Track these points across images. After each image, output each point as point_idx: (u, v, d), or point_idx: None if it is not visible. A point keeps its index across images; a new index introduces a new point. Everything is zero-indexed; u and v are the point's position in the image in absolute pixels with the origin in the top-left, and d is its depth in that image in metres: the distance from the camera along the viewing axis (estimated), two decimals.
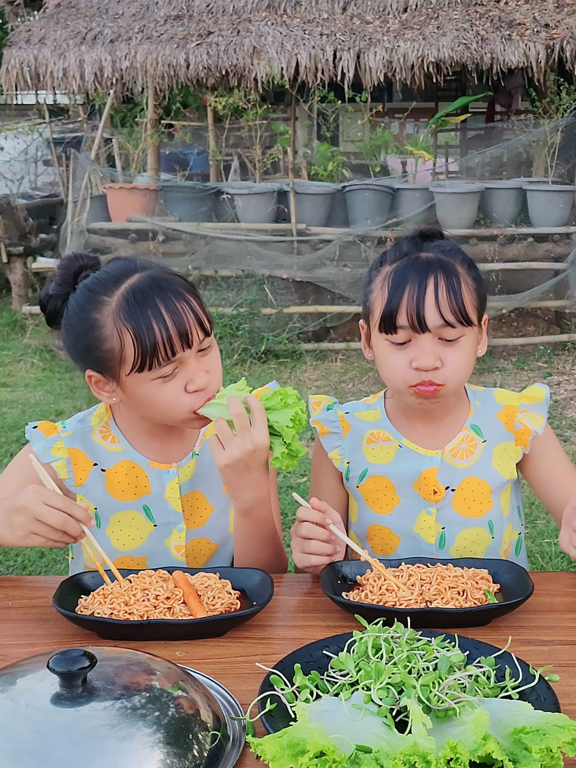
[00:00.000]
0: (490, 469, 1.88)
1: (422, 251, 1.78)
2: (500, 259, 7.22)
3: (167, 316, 1.59)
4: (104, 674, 1.17)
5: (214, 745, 1.15)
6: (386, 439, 1.91)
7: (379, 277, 1.79)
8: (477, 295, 1.78)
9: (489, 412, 1.91)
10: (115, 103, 9.59)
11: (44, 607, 1.61)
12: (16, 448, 5.17)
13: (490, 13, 7.48)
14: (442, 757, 1.07)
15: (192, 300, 1.64)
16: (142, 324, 1.59)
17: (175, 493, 1.80)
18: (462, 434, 1.89)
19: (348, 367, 6.93)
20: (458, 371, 1.76)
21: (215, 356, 1.70)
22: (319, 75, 7.38)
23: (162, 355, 1.59)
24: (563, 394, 6.25)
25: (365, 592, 1.60)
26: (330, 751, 1.07)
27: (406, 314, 1.71)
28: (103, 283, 1.69)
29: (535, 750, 1.08)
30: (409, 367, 1.74)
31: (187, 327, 1.60)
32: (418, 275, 1.72)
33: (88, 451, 1.80)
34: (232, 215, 7.57)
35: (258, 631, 1.53)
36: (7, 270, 8.89)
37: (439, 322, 1.71)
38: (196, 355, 1.64)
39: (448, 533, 1.87)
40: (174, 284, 1.64)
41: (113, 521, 1.80)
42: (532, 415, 1.89)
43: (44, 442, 1.79)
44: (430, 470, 1.86)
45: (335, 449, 1.95)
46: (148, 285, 1.63)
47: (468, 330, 1.75)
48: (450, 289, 1.71)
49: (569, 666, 1.40)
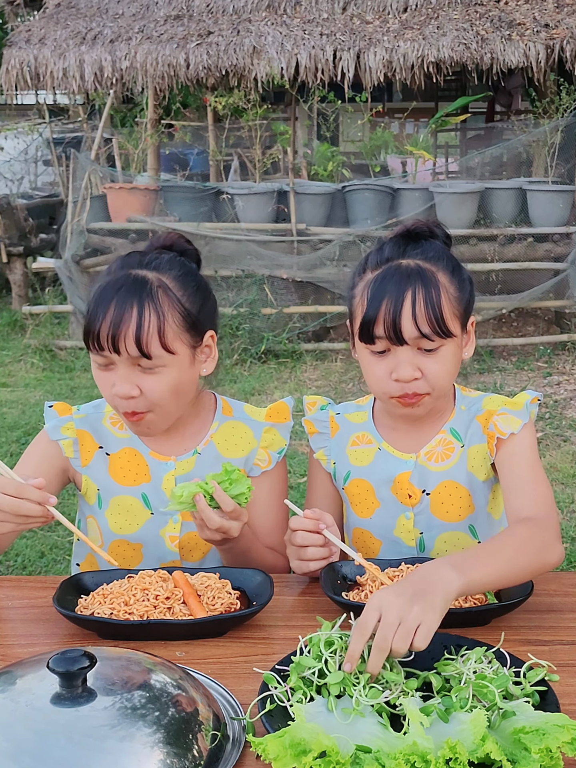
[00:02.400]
0: (466, 473, 1.84)
1: (404, 257, 1.74)
2: (500, 259, 7.22)
3: (110, 314, 1.65)
4: (104, 674, 1.17)
5: (214, 745, 1.15)
6: (369, 441, 1.90)
7: (361, 283, 1.76)
8: (459, 303, 1.73)
9: (471, 416, 1.87)
10: (115, 103, 9.59)
11: (44, 607, 1.61)
12: (16, 448, 5.16)
13: (490, 13, 7.48)
14: (441, 757, 1.07)
15: (153, 320, 1.66)
16: (93, 308, 1.68)
17: (171, 485, 1.83)
18: (439, 437, 1.86)
19: (348, 367, 6.93)
20: (439, 380, 1.73)
21: (161, 382, 1.70)
22: (319, 75, 7.38)
23: (91, 342, 1.68)
24: (563, 394, 6.25)
25: (365, 592, 1.60)
26: (333, 752, 1.07)
27: (383, 326, 1.69)
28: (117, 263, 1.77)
29: (535, 750, 1.08)
30: (390, 379, 1.72)
31: (120, 333, 1.65)
32: (396, 287, 1.68)
33: (96, 434, 1.87)
34: (232, 215, 7.57)
35: (258, 631, 1.53)
36: (7, 270, 8.89)
37: (416, 334, 1.68)
38: (130, 366, 1.68)
39: (427, 537, 1.86)
40: (149, 297, 1.68)
41: (113, 504, 1.85)
42: (510, 418, 1.80)
43: (56, 421, 1.87)
44: (403, 474, 1.85)
45: (321, 449, 1.95)
46: (122, 282, 1.69)
47: (448, 340, 1.71)
48: (428, 302, 1.68)
49: (569, 666, 1.40)
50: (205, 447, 1.87)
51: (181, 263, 1.78)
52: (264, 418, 1.92)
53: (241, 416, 1.93)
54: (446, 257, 1.77)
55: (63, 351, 7.36)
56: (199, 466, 1.85)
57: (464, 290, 1.76)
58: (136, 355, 1.66)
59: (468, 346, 1.81)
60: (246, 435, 1.90)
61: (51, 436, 1.85)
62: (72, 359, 7.20)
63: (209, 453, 1.87)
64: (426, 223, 1.82)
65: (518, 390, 6.23)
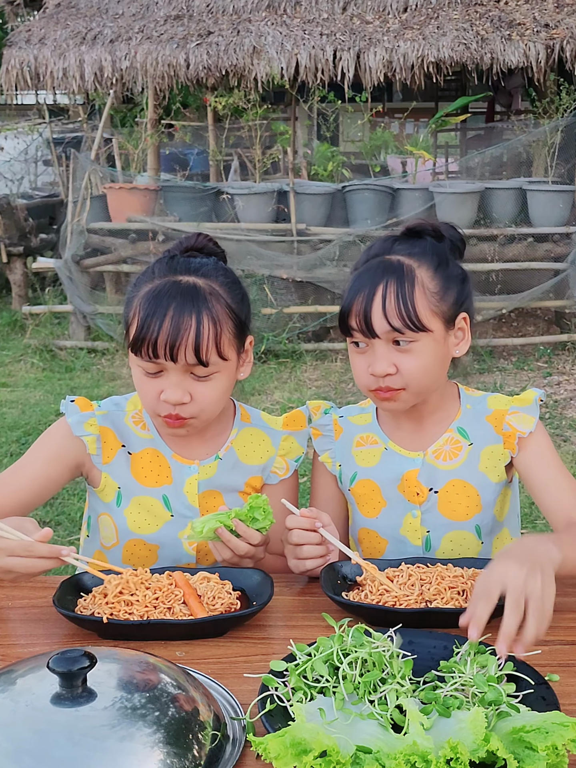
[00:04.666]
0: (477, 473, 1.85)
1: (390, 252, 1.77)
2: (500, 259, 7.22)
3: (167, 323, 1.64)
4: (104, 674, 1.17)
5: (214, 745, 1.15)
6: (374, 442, 1.91)
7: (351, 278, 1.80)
8: (440, 299, 1.73)
9: (478, 416, 1.88)
10: (115, 103, 9.58)
11: (44, 607, 1.61)
12: (16, 448, 5.16)
13: (490, 13, 7.48)
14: (442, 757, 1.07)
15: (211, 328, 1.66)
16: (146, 315, 1.66)
17: (193, 489, 1.84)
18: (446, 435, 1.87)
19: (348, 367, 6.90)
20: (415, 377, 1.73)
21: (213, 388, 1.71)
22: (319, 75, 7.38)
23: (144, 350, 1.66)
24: (563, 394, 6.25)
25: (365, 592, 1.60)
26: (333, 752, 1.07)
27: (355, 318, 1.72)
28: (159, 267, 1.75)
29: (542, 747, 1.08)
30: (368, 372, 1.74)
31: (178, 343, 1.64)
32: (371, 281, 1.72)
33: (118, 432, 1.86)
34: (232, 215, 7.57)
35: (258, 631, 1.53)
36: (7, 270, 8.90)
37: (386, 327, 1.70)
38: (183, 373, 1.68)
39: (434, 536, 1.86)
40: (205, 305, 1.67)
41: (133, 502, 1.84)
42: (522, 416, 1.84)
43: (79, 417, 1.85)
44: (411, 471, 1.85)
45: (326, 452, 1.96)
46: (175, 289, 1.68)
47: (423, 335, 1.71)
48: (399, 295, 1.69)
49: (569, 666, 1.40)
50: (226, 453, 1.88)
51: (224, 270, 1.78)
52: (281, 426, 1.93)
53: (259, 423, 1.94)
54: (433, 253, 1.77)
55: (63, 351, 7.36)
56: (221, 471, 1.86)
57: (450, 287, 1.76)
58: (194, 363, 1.66)
59: (461, 344, 1.81)
60: (264, 442, 1.91)
61: (75, 431, 1.83)
62: (72, 359, 7.20)
63: (230, 459, 1.88)
64: (433, 224, 1.83)
65: (518, 390, 6.23)
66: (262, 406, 6.04)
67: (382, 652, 1.27)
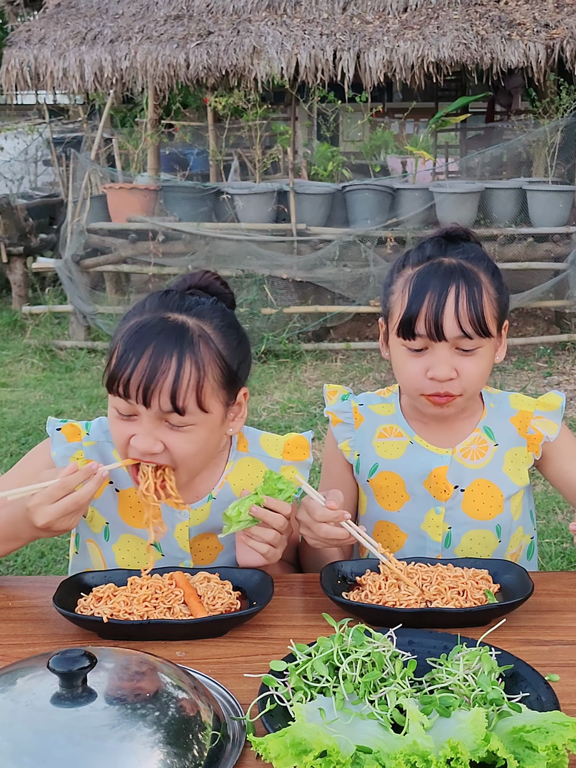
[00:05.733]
0: (501, 474, 1.87)
1: (446, 255, 1.75)
2: (500, 259, 7.21)
3: (144, 361, 1.51)
4: (104, 674, 1.17)
5: (214, 745, 1.15)
6: (399, 434, 1.90)
7: (401, 279, 1.77)
8: (498, 305, 1.75)
9: (503, 416, 1.89)
10: (115, 103, 9.58)
11: (44, 607, 1.61)
12: (16, 448, 5.17)
13: (490, 13, 7.48)
14: (443, 757, 1.07)
15: (192, 373, 1.53)
16: (124, 350, 1.54)
17: (184, 535, 1.76)
18: (474, 435, 1.88)
19: (348, 367, 6.93)
20: (474, 382, 1.74)
21: (189, 441, 1.57)
22: (319, 75, 7.38)
23: (116, 389, 1.55)
24: (563, 394, 6.25)
25: (365, 592, 1.60)
26: (334, 752, 1.07)
27: (424, 322, 1.69)
28: (151, 300, 1.63)
29: (542, 747, 1.08)
30: (424, 376, 1.72)
31: (153, 386, 1.51)
32: (440, 283, 1.69)
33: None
34: (232, 215, 7.57)
35: (258, 631, 1.53)
36: (7, 270, 8.90)
37: (457, 332, 1.69)
38: (156, 419, 1.55)
39: (455, 533, 1.86)
40: (190, 347, 1.53)
41: (122, 539, 1.78)
42: (546, 422, 1.87)
43: (64, 449, 1.76)
44: (440, 468, 1.85)
45: (346, 440, 1.94)
46: (160, 326, 1.55)
47: (486, 341, 1.72)
48: (471, 300, 1.69)
49: (569, 666, 1.40)
50: (221, 490, 1.78)
51: (223, 311, 1.63)
52: (281, 454, 1.82)
53: (257, 452, 1.82)
54: (487, 259, 1.79)
55: (63, 351, 7.36)
56: (215, 511, 1.76)
57: (503, 293, 1.78)
58: (168, 410, 1.53)
59: (500, 350, 1.82)
60: (262, 474, 1.74)
61: (59, 466, 1.71)
62: (72, 359, 7.20)
63: (224, 496, 1.76)
64: (463, 228, 1.83)
65: (518, 390, 6.24)
66: (262, 407, 6.04)
67: (382, 652, 1.27)
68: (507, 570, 1.65)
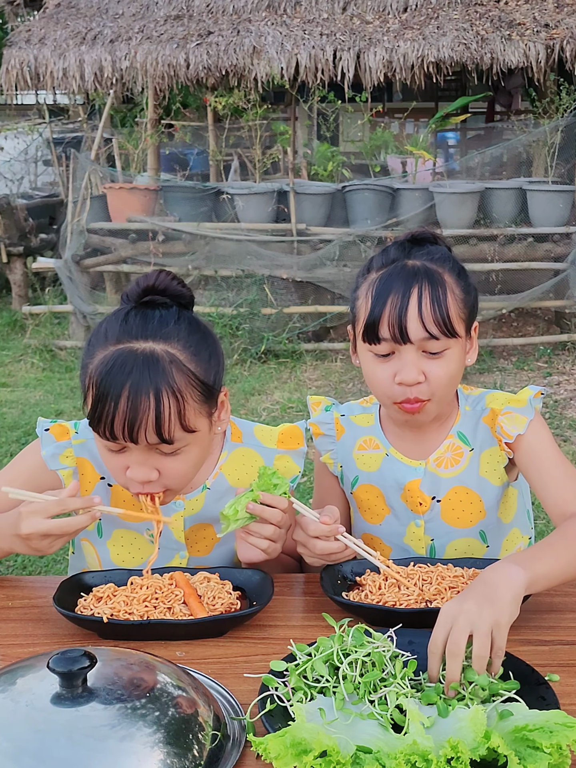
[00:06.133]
0: (478, 478, 1.82)
1: (410, 258, 1.72)
2: (500, 259, 7.22)
3: (122, 404, 1.48)
4: (104, 674, 1.17)
5: (214, 745, 1.15)
6: (376, 446, 1.88)
7: (365, 284, 1.74)
8: (465, 306, 1.72)
9: (476, 418, 1.84)
10: (115, 103, 9.59)
11: (44, 607, 1.61)
12: (16, 448, 5.16)
13: (490, 13, 7.48)
14: (443, 756, 1.07)
15: (172, 404, 1.50)
16: (100, 393, 1.51)
17: (179, 525, 1.76)
18: (447, 442, 1.84)
19: (348, 367, 6.93)
20: (443, 385, 1.70)
21: (183, 461, 1.58)
22: (319, 75, 7.38)
23: (101, 432, 1.53)
24: (563, 394, 6.25)
25: (365, 592, 1.60)
26: (334, 752, 1.07)
27: (388, 325, 1.66)
28: (114, 328, 1.56)
29: (546, 746, 1.08)
30: (393, 382, 1.69)
31: (137, 425, 1.49)
32: (402, 284, 1.66)
33: (96, 463, 1.77)
34: (232, 215, 7.57)
35: (258, 631, 1.53)
36: (7, 270, 8.90)
37: (422, 334, 1.66)
38: (147, 450, 1.54)
39: (438, 544, 1.84)
40: (164, 378, 1.50)
41: (115, 535, 1.78)
42: (515, 417, 1.79)
43: (53, 448, 1.76)
44: (413, 482, 1.82)
45: (328, 452, 1.93)
46: (130, 362, 1.50)
47: (453, 342, 1.69)
48: (435, 300, 1.65)
49: (569, 666, 1.40)
50: (215, 480, 1.78)
51: (188, 324, 1.58)
52: (276, 443, 1.83)
53: (252, 442, 1.83)
54: (452, 260, 1.76)
55: (63, 351, 7.36)
56: (210, 501, 1.77)
57: (469, 293, 1.75)
58: (156, 443, 1.52)
59: (471, 352, 1.79)
60: (257, 464, 1.79)
61: (50, 465, 1.74)
62: (72, 359, 7.20)
63: (219, 486, 1.78)
64: (431, 231, 1.81)
65: (518, 390, 6.23)
66: (262, 406, 6.04)
67: (382, 652, 1.27)
68: None
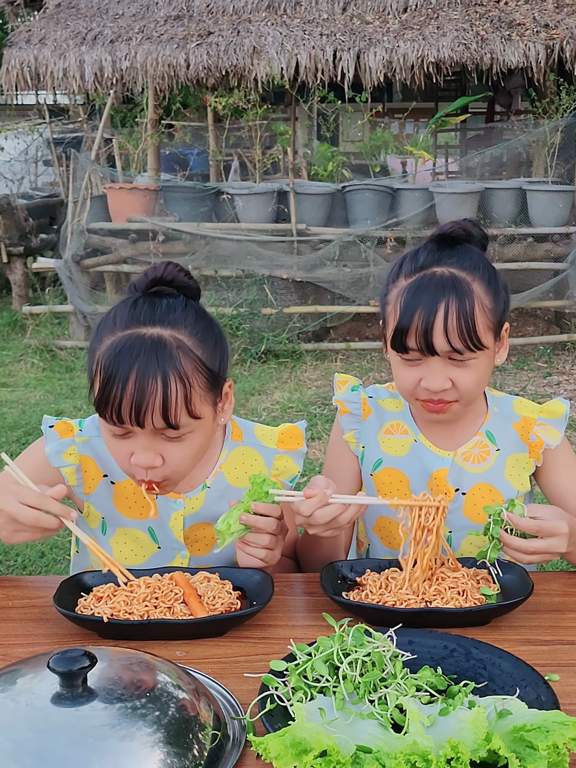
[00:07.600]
0: (503, 479, 1.87)
1: (440, 264, 1.72)
2: (500, 259, 7.22)
3: (130, 387, 1.50)
4: (104, 674, 1.17)
5: (214, 745, 1.15)
6: (404, 432, 1.90)
7: (395, 290, 1.75)
8: (493, 315, 1.72)
9: (506, 421, 1.89)
10: (115, 103, 9.58)
11: (44, 607, 1.61)
12: (16, 448, 5.16)
13: (490, 13, 7.48)
14: (443, 756, 1.07)
15: (179, 389, 1.52)
16: (108, 377, 1.52)
17: (179, 524, 1.77)
18: (476, 439, 1.88)
19: (348, 367, 6.93)
20: (469, 390, 1.74)
21: (187, 448, 1.59)
22: (319, 75, 7.38)
23: (108, 415, 1.54)
24: (563, 394, 6.26)
25: (365, 592, 1.60)
26: (334, 752, 1.07)
27: (415, 339, 1.69)
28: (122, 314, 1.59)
29: (543, 746, 1.08)
30: (419, 384, 1.73)
31: (144, 408, 1.51)
32: (430, 298, 1.67)
33: (99, 461, 1.78)
34: (232, 215, 7.57)
35: (258, 631, 1.53)
36: (7, 270, 8.90)
37: (447, 348, 1.68)
38: (152, 435, 1.56)
39: (455, 537, 1.86)
40: (172, 363, 1.52)
41: (119, 533, 1.80)
42: (549, 429, 1.86)
43: (57, 445, 1.76)
44: (440, 470, 1.85)
45: (352, 431, 1.93)
46: (138, 346, 1.52)
47: (480, 353, 1.71)
48: (461, 315, 1.66)
49: (569, 666, 1.40)
50: (215, 479, 1.79)
51: (194, 312, 1.61)
52: (276, 443, 1.83)
53: (252, 441, 1.84)
54: (483, 266, 1.75)
55: (63, 351, 7.36)
56: (210, 500, 1.78)
57: (499, 300, 1.75)
58: (162, 428, 1.54)
59: (501, 351, 1.81)
60: (256, 462, 1.81)
61: (52, 462, 1.75)
62: (72, 359, 7.20)
63: (219, 485, 1.79)
64: (463, 225, 1.78)
65: (518, 390, 6.24)
66: (262, 406, 6.04)
67: (382, 652, 1.27)
68: (507, 570, 1.65)
